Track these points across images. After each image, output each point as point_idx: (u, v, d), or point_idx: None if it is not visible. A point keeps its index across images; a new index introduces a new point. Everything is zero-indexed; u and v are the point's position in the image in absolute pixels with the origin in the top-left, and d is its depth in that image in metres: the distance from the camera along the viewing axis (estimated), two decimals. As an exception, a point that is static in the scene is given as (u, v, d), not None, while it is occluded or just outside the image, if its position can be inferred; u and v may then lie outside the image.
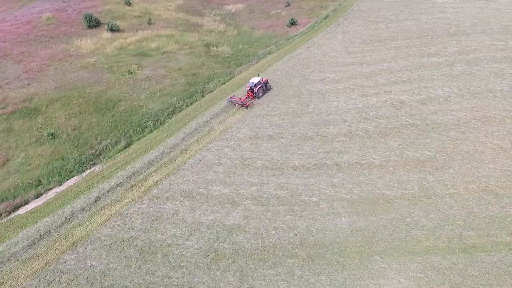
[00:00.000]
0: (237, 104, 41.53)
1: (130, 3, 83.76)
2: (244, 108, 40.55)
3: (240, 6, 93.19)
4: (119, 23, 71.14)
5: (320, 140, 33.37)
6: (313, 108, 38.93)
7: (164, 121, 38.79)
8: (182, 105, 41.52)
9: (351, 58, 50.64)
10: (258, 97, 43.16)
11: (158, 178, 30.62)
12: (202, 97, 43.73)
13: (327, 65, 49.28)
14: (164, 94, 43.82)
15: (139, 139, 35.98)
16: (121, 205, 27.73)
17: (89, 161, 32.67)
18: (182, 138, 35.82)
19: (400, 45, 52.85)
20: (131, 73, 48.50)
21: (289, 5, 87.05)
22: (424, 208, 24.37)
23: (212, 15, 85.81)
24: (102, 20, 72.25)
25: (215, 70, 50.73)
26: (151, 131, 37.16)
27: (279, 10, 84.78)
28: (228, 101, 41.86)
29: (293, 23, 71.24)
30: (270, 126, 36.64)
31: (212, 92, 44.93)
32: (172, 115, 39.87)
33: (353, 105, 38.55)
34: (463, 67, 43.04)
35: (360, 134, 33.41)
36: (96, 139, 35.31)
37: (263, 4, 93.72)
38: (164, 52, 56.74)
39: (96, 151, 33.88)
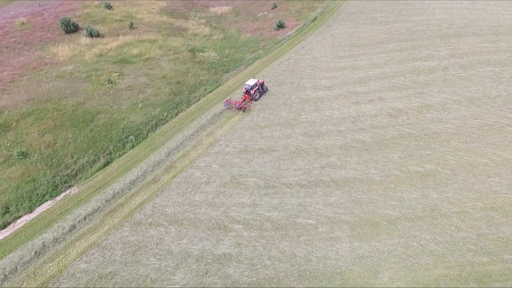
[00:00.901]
0: (234, 108, 39.77)
1: (111, 7, 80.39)
2: (241, 112, 39.15)
3: (225, 8, 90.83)
4: (98, 27, 67.92)
5: (314, 154, 31.35)
6: (305, 118, 36.92)
7: (147, 135, 36.15)
8: (166, 116, 38.93)
9: (342, 62, 48.91)
10: (255, 100, 41.46)
11: (140, 200, 28.03)
12: (188, 107, 41.21)
13: (318, 71, 47.41)
14: (146, 104, 41.11)
15: (119, 156, 33.26)
16: (99, 234, 25.06)
17: (64, 183, 29.82)
18: (167, 153, 33.28)
19: (391, 49, 51.43)
20: (111, 82, 45.57)
21: (276, 7, 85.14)
22: (430, 230, 22.57)
23: (197, 18, 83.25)
24: (80, 24, 68.85)
25: (201, 78, 48.25)
26: (132, 146, 34.47)
27: (266, 13, 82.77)
28: (224, 105, 40.06)
29: (280, 26, 69.32)
30: (261, 139, 34.44)
31: (198, 102, 42.45)
32: (156, 128, 37.25)
33: (347, 113, 36.71)
34: (457, 72, 41.76)
35: (356, 146, 31.54)
36: (72, 157, 32.43)
37: (249, 6, 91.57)
38: (146, 59, 53.92)
39: (72, 171, 31.03)
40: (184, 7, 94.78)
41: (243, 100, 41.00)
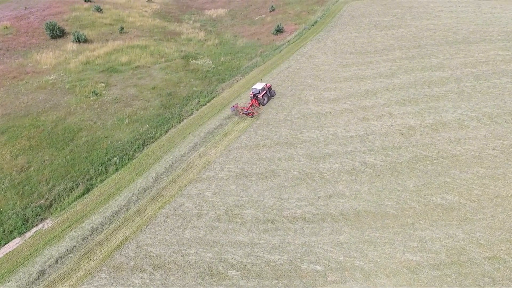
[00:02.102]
0: (241, 113, 37.97)
1: (101, 10, 76.63)
2: (248, 118, 37.45)
3: (221, 11, 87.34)
4: (87, 32, 64.17)
5: (319, 180, 27.96)
6: (308, 136, 33.53)
7: (133, 155, 32.60)
8: (155, 134, 35.39)
9: (346, 72, 45.59)
10: (263, 104, 39.60)
11: (122, 238, 24.50)
12: (179, 122, 37.68)
13: (320, 81, 44.05)
14: (134, 120, 37.53)
15: (101, 181, 29.68)
16: (71, 282, 21.51)
17: (36, 215, 26.21)
18: (154, 178, 29.75)
19: (398, 56, 48.17)
20: (97, 94, 41.94)
21: (274, 9, 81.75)
22: (460, 282, 19.23)
23: (191, 22, 79.69)
24: (68, 29, 65.09)
25: (194, 88, 44.72)
26: (116, 169, 30.90)
27: (263, 16, 79.34)
28: (231, 110, 38.53)
29: (279, 31, 65.92)
30: (259, 161, 31.01)
31: (191, 116, 38.93)
32: (143, 148, 33.71)
33: (354, 131, 33.36)
34: (472, 83, 38.54)
35: (366, 171, 28.17)
36: (47, 184, 28.81)
37: (246, 9, 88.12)
38: (136, 67, 50.30)
39: (46, 200, 27.43)
40: (178, 9, 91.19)
41: (250, 105, 38.91)
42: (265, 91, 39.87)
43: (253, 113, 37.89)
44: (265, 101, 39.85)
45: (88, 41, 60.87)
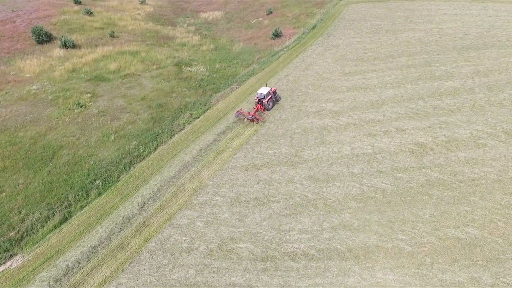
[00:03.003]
0: (246, 119, 36.41)
1: (91, 13, 73.61)
2: (246, 126, 35.75)
3: (217, 14, 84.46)
4: (75, 37, 61.23)
5: (324, 207, 25.13)
6: (309, 155, 30.69)
7: (118, 177, 29.62)
8: (143, 152, 32.44)
9: (349, 81, 42.82)
10: (268, 110, 38.12)
11: (101, 278, 21.54)
12: (170, 138, 34.74)
13: (321, 91, 41.25)
14: (120, 136, 34.56)
15: (81, 208, 26.70)
16: (39, 337, 18.58)
17: (5, 251, 23.19)
18: (140, 205, 26.81)
19: (403, 64, 45.47)
20: (81, 106, 38.94)
21: (271, 12, 78.97)
22: None
23: (185, 25, 76.78)
24: (55, 33, 62.07)
25: (187, 99, 41.78)
26: (99, 194, 27.92)
27: (260, 19, 76.51)
28: (235, 116, 37.07)
29: (277, 35, 63.12)
30: (256, 184, 28.13)
31: (183, 131, 36.00)
32: (130, 168, 30.74)
33: (360, 149, 30.56)
34: (485, 95, 35.88)
35: (375, 197, 25.37)
36: (20, 212, 25.80)
37: (243, 11, 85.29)
38: (125, 75, 47.31)
39: (17, 233, 24.42)
40: (172, 12, 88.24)
41: (255, 111, 37.10)
42: (270, 96, 38.13)
43: (258, 119, 36.12)
44: (270, 106, 38.20)
45: (76, 46, 57.87)
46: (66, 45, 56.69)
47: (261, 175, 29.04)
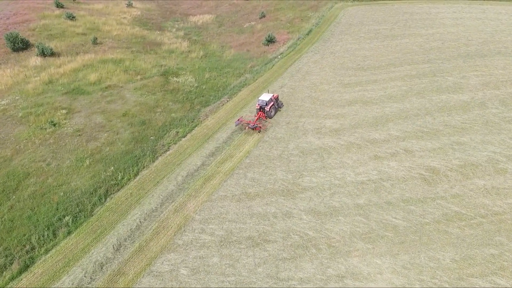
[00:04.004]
0: (247, 128, 34.43)
1: (73, 17, 69.42)
2: (253, 133, 33.59)
3: (207, 17, 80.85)
4: (55, 44, 57.20)
5: (327, 249, 21.80)
6: (309, 182, 27.34)
7: (91, 211, 25.95)
8: (122, 179, 28.78)
9: (349, 93, 39.60)
10: (270, 117, 36.19)
11: None
12: (152, 161, 31.12)
13: (319, 105, 37.96)
14: (97, 160, 30.84)
15: (46, 251, 22.99)
16: None
17: (-50, 312, 19.51)
18: (116, 246, 23.18)
19: (407, 73, 42.42)
20: (54, 124, 35.13)
21: (264, 16, 75.59)
22: None
23: (174, 30, 73.01)
24: (33, 40, 57.88)
25: (173, 115, 38.16)
26: (68, 233, 24.21)
27: (253, 23, 73.07)
28: (235, 124, 34.95)
29: (270, 41, 59.75)
30: (249, 218, 24.70)
31: (167, 153, 32.40)
32: (105, 199, 27.07)
33: (365, 175, 27.31)
34: (499, 110, 32.92)
35: (386, 236, 22.13)
36: (-28, 261, 22.06)
37: (235, 14, 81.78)
38: (106, 87, 43.52)
39: (-34, 287, 20.69)
40: (161, 15, 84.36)
41: (257, 119, 35.25)
42: (272, 103, 35.84)
43: (260, 127, 34.09)
44: (272, 114, 36.32)
45: (55, 54, 53.82)
46: (44, 53, 52.64)
47: (255, 207, 25.61)
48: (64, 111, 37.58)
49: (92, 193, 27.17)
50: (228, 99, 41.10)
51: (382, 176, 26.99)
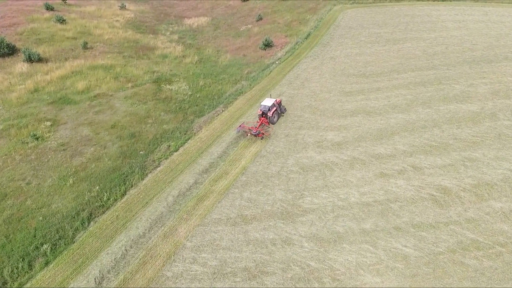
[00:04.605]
0: (249, 134, 33.07)
1: (64, 20, 67.10)
2: (255, 140, 32.07)
3: (203, 20, 78.67)
4: (43, 49, 54.99)
5: (331, 283, 19.63)
6: (310, 202, 25.24)
7: (73, 237, 23.74)
8: (108, 200, 26.57)
9: (351, 102, 37.54)
10: (273, 123, 34.93)
11: None
12: (142, 179, 28.91)
13: (320, 115, 35.89)
14: (81, 178, 28.61)
15: (20, 286, 20.79)
16: None
17: None
18: (98, 280, 20.97)
19: (411, 81, 40.42)
20: (37, 138, 32.88)
21: (261, 18, 73.50)
22: None
23: (168, 33, 70.81)
24: (20, 44, 55.63)
25: (165, 126, 35.99)
26: (46, 263, 21.99)
27: (249, 26, 70.98)
28: (237, 131, 33.67)
29: (268, 45, 57.69)
30: (246, 245, 22.56)
31: (158, 169, 30.20)
32: (89, 223, 24.86)
33: (370, 195, 25.24)
34: None
35: (396, 268, 20.05)
36: None
37: (231, 17, 79.66)
38: (95, 96, 41.30)
39: None
40: (155, 18, 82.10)
41: (260, 125, 33.82)
42: (275, 108, 34.66)
43: (263, 133, 32.74)
44: (275, 119, 35.15)
45: (42, 60, 51.58)
46: (30, 59, 50.37)
47: (252, 232, 23.47)
48: (48, 123, 35.32)
49: (74, 217, 24.93)
50: (223, 109, 38.95)
51: (389, 196, 24.93)
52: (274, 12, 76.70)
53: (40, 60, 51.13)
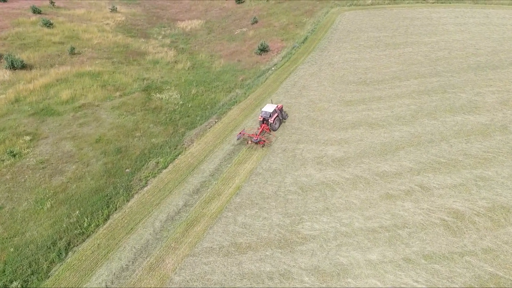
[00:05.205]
0: (250, 141, 31.87)
1: (51, 24, 64.37)
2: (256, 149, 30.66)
3: (196, 23, 76.28)
4: (28, 54, 52.41)
5: (336, 326, 17.56)
6: (310, 228, 23.06)
7: (47, 271, 21.36)
8: (89, 226, 24.21)
9: (352, 113, 35.42)
10: (274, 130, 33.67)
11: None
12: (127, 201, 26.57)
13: (319, 127, 33.73)
14: (60, 201, 26.21)
15: (-15, 332, 18.45)
16: None
17: None
18: (73, 323, 18.72)
19: (414, 89, 38.41)
20: (14, 155, 30.40)
21: (256, 21, 71.25)
22: None
23: (160, 37, 68.37)
24: (4, 50, 52.94)
25: (153, 140, 33.64)
26: (16, 304, 19.68)
27: (244, 29, 68.70)
28: (237, 138, 32.26)
29: (263, 50, 55.48)
30: (240, 280, 20.32)
31: (145, 189, 27.85)
32: (67, 254, 22.48)
33: (376, 219, 23.11)
34: (524, 135, 29.05)
35: (408, 309, 17.96)
36: None
37: (225, 20, 77.37)
38: (80, 106, 38.87)
39: None
40: (147, 21, 79.58)
41: (260, 132, 32.57)
42: (276, 114, 33.50)
43: (264, 141, 31.54)
44: (276, 126, 33.94)
45: (26, 67, 48.98)
46: (13, 66, 47.75)
47: (246, 264, 21.23)
48: (28, 138, 32.84)
49: (50, 247, 22.55)
50: (216, 120, 36.69)
51: (397, 221, 22.82)
52: (269, 15, 74.51)
53: (23, 67, 48.53)
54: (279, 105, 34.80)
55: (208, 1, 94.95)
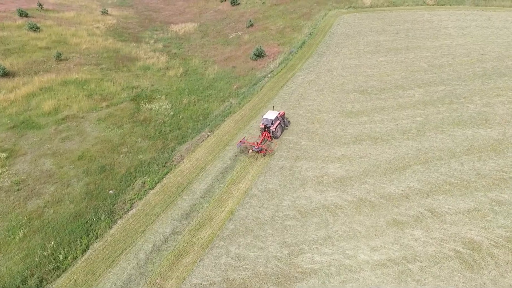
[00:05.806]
0: (251, 150, 30.47)
1: (38, 28, 61.67)
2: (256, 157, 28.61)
3: (190, 26, 73.86)
4: (11, 61, 49.88)
5: None
6: (311, 261, 20.78)
7: (16, 315, 18.98)
8: (65, 259, 21.78)
9: (354, 125, 33.22)
10: (276, 138, 32.26)
11: None
12: (109, 227, 24.17)
13: (319, 142, 31.49)
14: (35, 229, 23.75)
15: None
16: None
17: None
18: None
19: (419, 99, 36.29)
20: (-12, 175, 27.94)
21: (252, 25, 68.93)
22: None
23: (152, 41, 65.87)
24: (-14, 57, 50.14)
25: (141, 156, 31.23)
26: None
27: (240, 33, 66.37)
28: (237, 147, 31.07)
29: (259, 55, 53.19)
30: (232, 325, 18.05)
31: (129, 213, 25.46)
32: (39, 293, 20.12)
33: (383, 251, 20.88)
34: (540, 152, 26.96)
35: None
36: None
37: (220, 23, 75.00)
38: (63, 119, 36.41)
39: None
40: (139, 24, 77.04)
41: (262, 140, 31.17)
42: (278, 122, 32.04)
43: (265, 150, 30.12)
44: (279, 134, 32.54)
45: (9, 74, 46.35)
46: (-5, 74, 45.14)
47: (240, 305, 18.96)
48: (4, 155, 30.35)
49: (19, 287, 20.12)
50: (209, 133, 34.34)
51: (406, 253, 20.60)
52: (265, 18, 72.24)
53: (5, 74, 45.86)
54: (281, 112, 33.17)
55: (202, 3, 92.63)
